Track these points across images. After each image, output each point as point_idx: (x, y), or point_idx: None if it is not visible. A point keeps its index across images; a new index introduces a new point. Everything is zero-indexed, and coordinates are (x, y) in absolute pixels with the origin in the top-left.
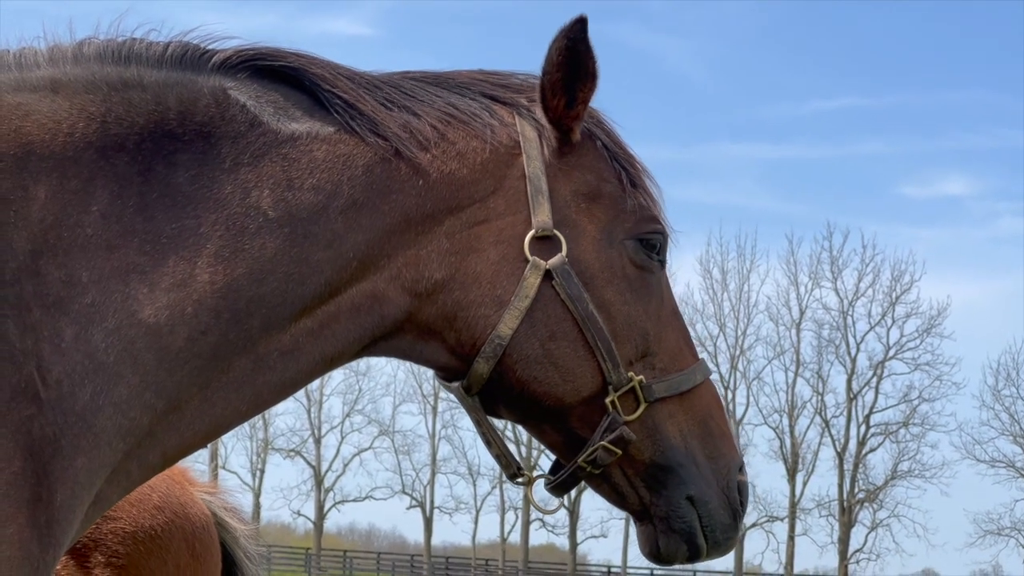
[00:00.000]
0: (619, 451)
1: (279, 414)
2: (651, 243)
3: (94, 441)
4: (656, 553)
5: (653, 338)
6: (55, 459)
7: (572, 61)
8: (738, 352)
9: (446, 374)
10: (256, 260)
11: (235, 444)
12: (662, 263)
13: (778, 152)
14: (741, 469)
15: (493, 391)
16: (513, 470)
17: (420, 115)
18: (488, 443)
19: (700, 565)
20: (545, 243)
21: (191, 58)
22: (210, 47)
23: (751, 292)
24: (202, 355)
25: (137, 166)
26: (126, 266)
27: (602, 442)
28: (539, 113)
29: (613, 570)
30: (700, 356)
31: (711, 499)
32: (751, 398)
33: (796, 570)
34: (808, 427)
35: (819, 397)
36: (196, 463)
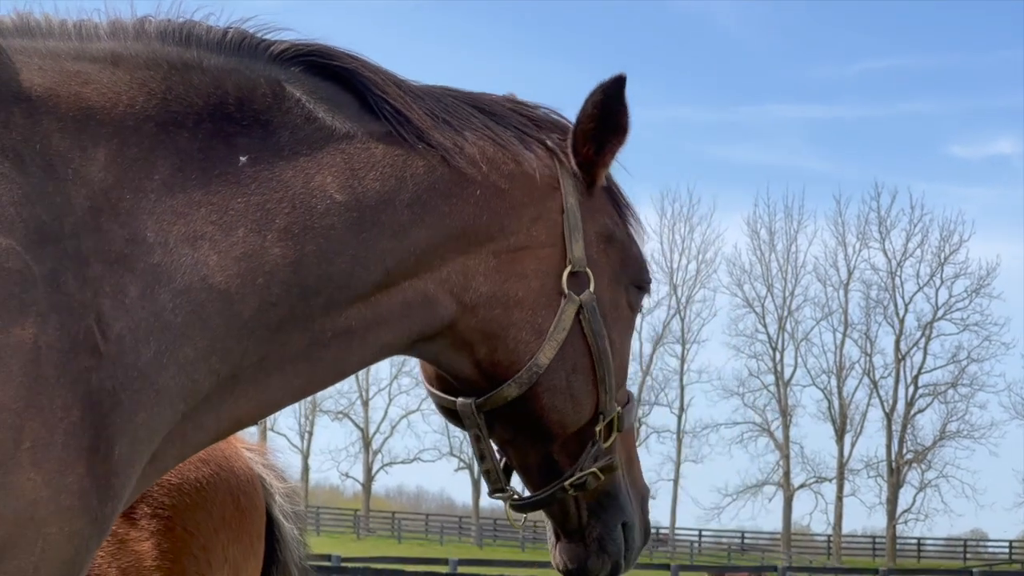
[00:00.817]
0: (603, 477)
1: None
2: (642, 289)
3: (156, 399)
4: (582, 570)
5: (626, 373)
6: (114, 413)
7: (606, 115)
8: (786, 313)
9: (460, 387)
10: (325, 239)
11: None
12: (641, 308)
13: (826, 112)
14: (648, 497)
15: (504, 412)
16: (500, 485)
17: (463, 132)
18: (482, 458)
19: (748, 526)
20: (576, 278)
21: (248, 46)
22: (267, 37)
23: (799, 253)
24: (268, 326)
25: (197, 143)
26: (194, 233)
27: (592, 469)
28: (569, 154)
29: (661, 531)
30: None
31: (635, 525)
32: (799, 359)
33: (844, 530)
34: (856, 388)
35: (867, 358)
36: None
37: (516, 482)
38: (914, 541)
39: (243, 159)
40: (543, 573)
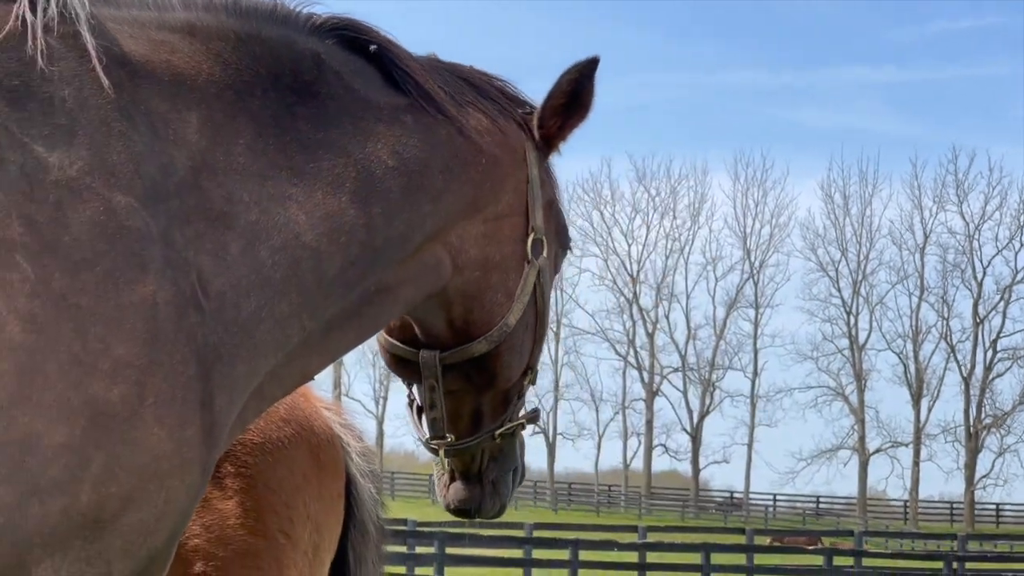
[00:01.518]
0: (527, 426)
1: None
2: (567, 250)
3: (252, 352)
4: (476, 510)
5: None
6: (216, 367)
7: (576, 93)
8: (860, 277)
9: (423, 341)
10: (387, 202)
11: (358, 372)
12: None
13: (902, 74)
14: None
15: (461, 365)
16: (441, 433)
17: (465, 105)
18: (432, 406)
19: (823, 491)
20: (537, 245)
21: (293, 19)
22: (305, 10)
23: (873, 216)
24: (345, 284)
25: (268, 111)
26: (282, 194)
27: (521, 419)
28: (535, 127)
29: (736, 496)
30: None
31: (520, 470)
32: (874, 323)
33: (921, 496)
34: (933, 352)
35: (944, 322)
36: (320, 392)
37: None
38: (992, 506)
39: (305, 127)
40: (619, 536)
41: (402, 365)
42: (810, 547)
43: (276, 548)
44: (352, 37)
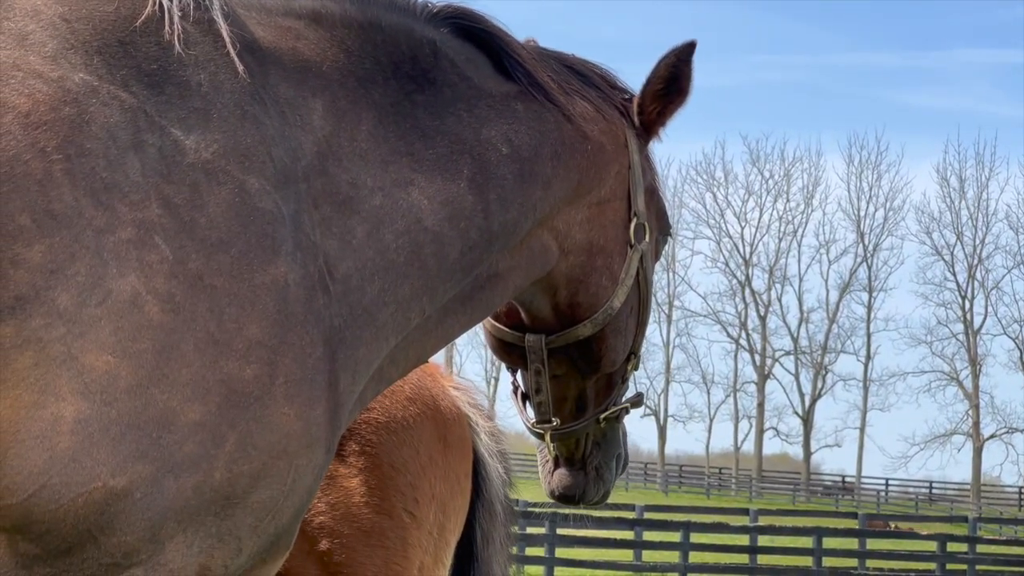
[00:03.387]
0: (631, 411)
1: None
2: (668, 237)
3: (375, 335)
4: (580, 496)
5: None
6: (340, 348)
7: (675, 78)
8: (976, 261)
9: (530, 325)
10: (502, 189)
11: (470, 352)
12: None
13: (1018, 55)
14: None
15: (567, 349)
16: (547, 417)
17: (571, 93)
18: (538, 390)
19: (936, 476)
20: (639, 229)
21: (410, 7)
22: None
23: (990, 200)
24: (464, 269)
25: (388, 99)
26: (404, 179)
27: (625, 404)
28: (634, 113)
29: (847, 480)
30: None
31: (622, 458)
32: (989, 308)
33: None
34: None
35: None
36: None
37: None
38: None
39: (423, 114)
40: (729, 519)
41: (508, 350)
42: (923, 533)
43: (401, 527)
44: (466, 25)
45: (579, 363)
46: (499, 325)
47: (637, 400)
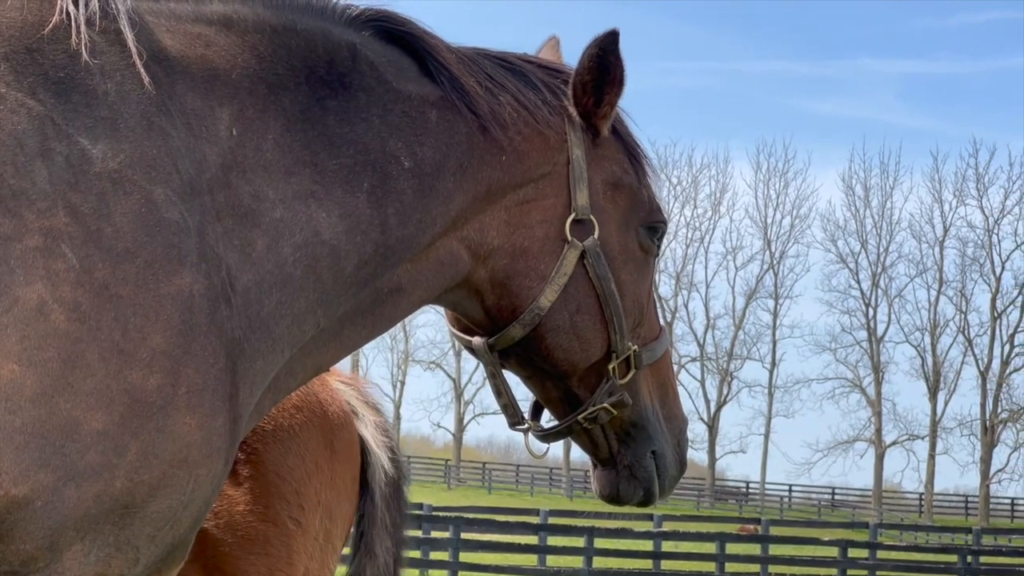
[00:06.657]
0: (616, 412)
1: (420, 326)
2: (656, 230)
3: (272, 347)
4: (615, 495)
5: (644, 312)
6: (240, 360)
7: (602, 67)
8: (879, 269)
9: (475, 329)
10: (400, 203)
11: (376, 356)
12: (659, 247)
13: (923, 66)
14: (686, 428)
15: (515, 351)
16: (517, 419)
17: (500, 97)
18: (499, 393)
19: (839, 482)
20: (581, 225)
21: (328, 10)
22: (342, 2)
23: (894, 209)
24: (359, 282)
25: (298, 106)
26: (305, 191)
27: (604, 404)
28: (570, 106)
29: (751, 486)
30: (663, 324)
31: (667, 454)
32: (892, 316)
33: (936, 489)
34: (951, 346)
35: (962, 316)
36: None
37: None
38: (1007, 501)
39: (332, 121)
40: (634, 525)
41: (470, 354)
42: (825, 539)
43: (286, 534)
44: (389, 28)
45: (539, 364)
46: (454, 330)
47: (619, 401)
